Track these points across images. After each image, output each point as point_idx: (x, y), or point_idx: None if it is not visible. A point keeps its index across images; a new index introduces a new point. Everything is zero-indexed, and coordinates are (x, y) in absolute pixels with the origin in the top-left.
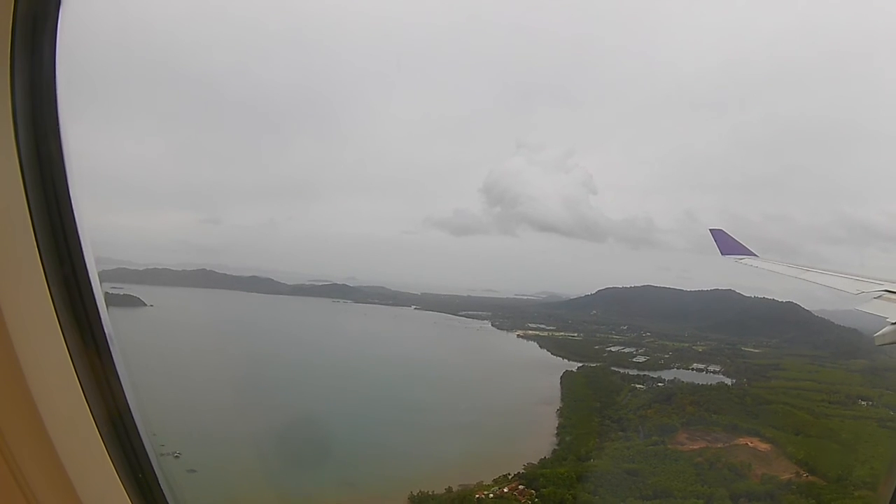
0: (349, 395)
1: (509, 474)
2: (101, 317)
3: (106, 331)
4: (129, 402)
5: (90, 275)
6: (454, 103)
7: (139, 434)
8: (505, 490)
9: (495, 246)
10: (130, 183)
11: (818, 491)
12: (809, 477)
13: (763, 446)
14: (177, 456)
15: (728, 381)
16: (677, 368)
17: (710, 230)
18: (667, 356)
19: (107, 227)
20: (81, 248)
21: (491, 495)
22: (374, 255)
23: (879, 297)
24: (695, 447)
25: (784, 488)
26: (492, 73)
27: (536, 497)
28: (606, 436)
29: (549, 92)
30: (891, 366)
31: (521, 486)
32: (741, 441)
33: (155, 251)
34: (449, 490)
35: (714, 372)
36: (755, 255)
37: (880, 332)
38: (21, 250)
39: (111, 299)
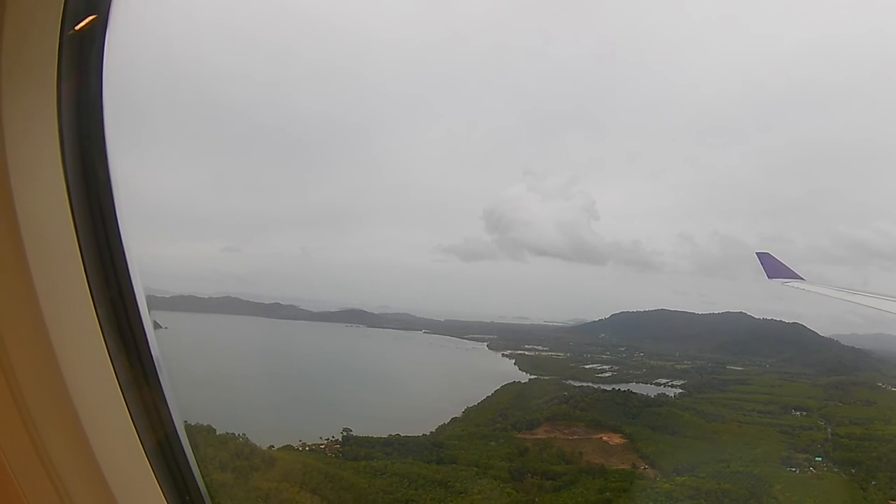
0: (290, 394)
1: (336, 437)
2: (149, 339)
3: (153, 353)
4: (176, 425)
5: (137, 297)
6: (482, 129)
7: (186, 458)
8: (324, 446)
9: (531, 273)
10: (166, 212)
11: (635, 478)
12: (645, 469)
13: (616, 441)
14: None
15: (671, 393)
16: (636, 383)
17: (757, 253)
18: (638, 373)
19: (143, 256)
20: (128, 271)
21: (308, 448)
22: (406, 283)
23: None
24: (541, 437)
25: (596, 472)
26: (518, 99)
27: (340, 450)
28: (481, 426)
29: (572, 119)
30: (862, 381)
31: (336, 445)
32: (597, 436)
33: (189, 280)
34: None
35: (673, 386)
36: (802, 278)
37: None
38: (67, 272)
39: None
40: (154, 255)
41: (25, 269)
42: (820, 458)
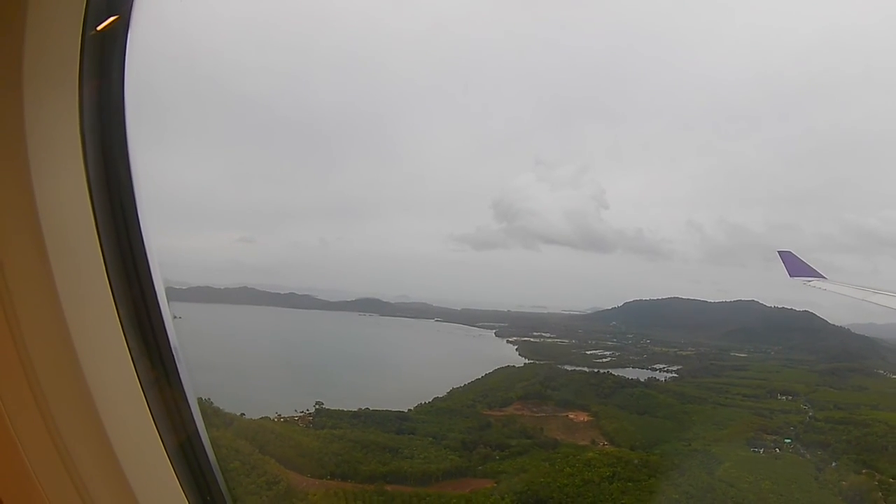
0: (283, 376)
1: (309, 410)
2: (170, 340)
3: (175, 354)
4: (197, 424)
5: (159, 297)
6: (497, 119)
7: (208, 458)
8: (297, 418)
9: (545, 262)
10: (185, 205)
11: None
12: (604, 444)
13: (582, 418)
14: None
15: (663, 377)
16: (632, 368)
17: (779, 252)
18: (637, 358)
19: (161, 248)
20: (150, 271)
21: (283, 419)
22: (423, 272)
23: None
24: (508, 413)
25: (550, 445)
26: (533, 89)
27: (311, 421)
28: (457, 404)
29: (588, 108)
30: (861, 368)
31: (309, 417)
32: (564, 413)
33: (209, 272)
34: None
35: (668, 371)
36: (824, 277)
37: None
38: (89, 272)
39: None
40: (172, 246)
41: (47, 268)
42: (789, 440)
